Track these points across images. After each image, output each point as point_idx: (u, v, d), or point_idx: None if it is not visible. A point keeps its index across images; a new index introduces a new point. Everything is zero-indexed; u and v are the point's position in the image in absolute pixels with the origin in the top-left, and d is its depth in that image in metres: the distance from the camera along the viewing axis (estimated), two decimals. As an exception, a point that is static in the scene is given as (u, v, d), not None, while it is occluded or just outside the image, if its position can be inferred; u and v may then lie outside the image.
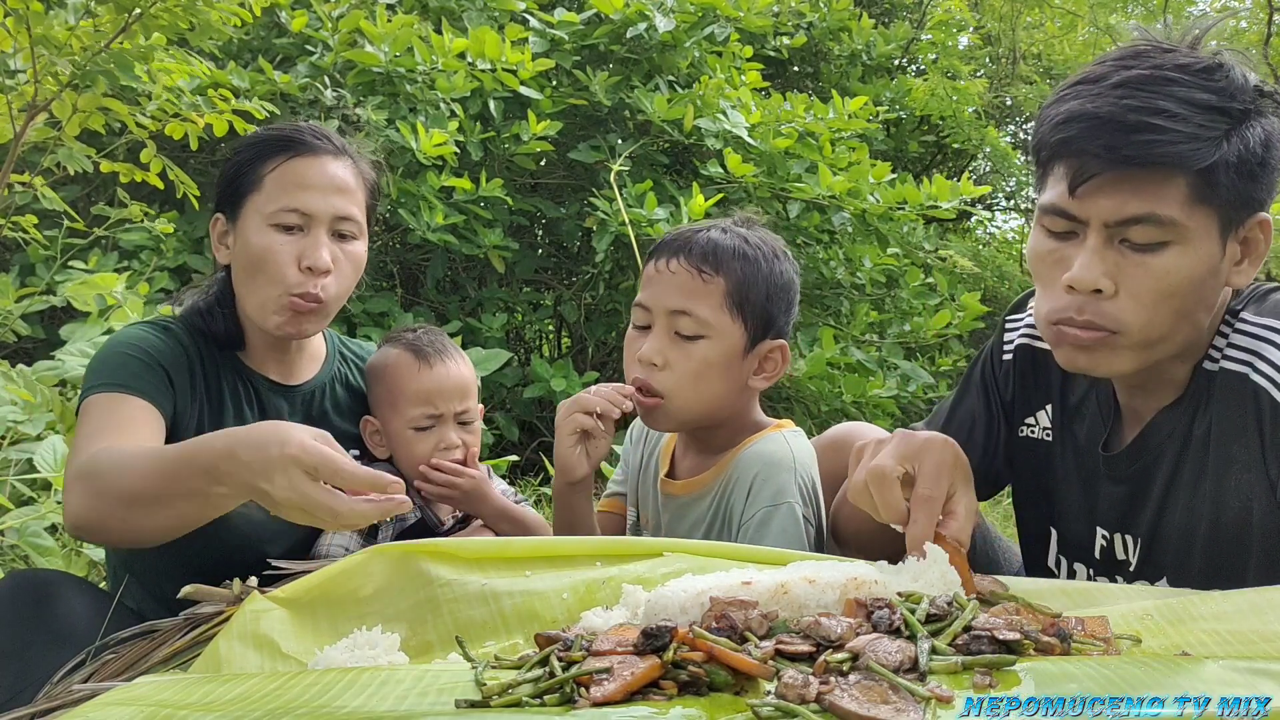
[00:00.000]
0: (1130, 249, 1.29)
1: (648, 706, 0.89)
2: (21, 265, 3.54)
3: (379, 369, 1.88)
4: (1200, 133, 1.25)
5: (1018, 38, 8.79)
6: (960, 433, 1.64)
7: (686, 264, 1.61)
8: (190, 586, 1.37)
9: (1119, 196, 1.28)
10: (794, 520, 1.56)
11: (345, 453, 1.28)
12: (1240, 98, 1.28)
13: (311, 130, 1.77)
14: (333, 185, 1.72)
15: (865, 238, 4.65)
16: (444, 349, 1.87)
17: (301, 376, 1.85)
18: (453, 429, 1.85)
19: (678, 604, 1.09)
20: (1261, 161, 1.29)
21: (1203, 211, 1.28)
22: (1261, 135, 1.29)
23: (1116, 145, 1.25)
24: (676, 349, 1.61)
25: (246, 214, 1.71)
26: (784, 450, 1.62)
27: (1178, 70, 1.28)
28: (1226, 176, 1.26)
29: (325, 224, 1.70)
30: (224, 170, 1.79)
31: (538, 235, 4.86)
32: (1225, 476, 1.36)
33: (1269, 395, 1.31)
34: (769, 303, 1.64)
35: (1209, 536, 1.39)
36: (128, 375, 1.63)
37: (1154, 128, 1.24)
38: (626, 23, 4.31)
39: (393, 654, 1.18)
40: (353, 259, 1.75)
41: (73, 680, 1.24)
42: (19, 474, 2.47)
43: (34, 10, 2.37)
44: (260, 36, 4.19)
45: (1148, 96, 1.26)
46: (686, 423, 1.67)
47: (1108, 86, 1.28)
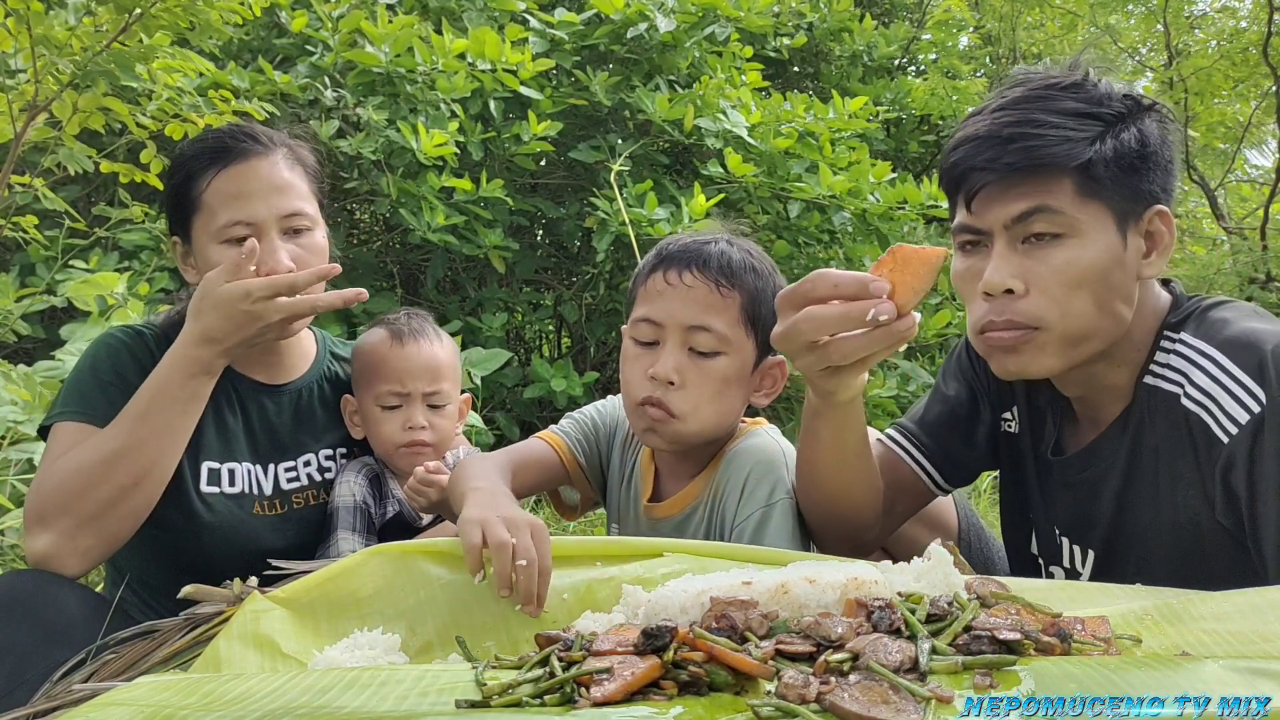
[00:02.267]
0: (1034, 246, 1.38)
1: (648, 706, 0.89)
2: (22, 265, 3.54)
3: (357, 348, 1.89)
4: (1073, 135, 1.37)
5: (1018, 38, 8.78)
6: (942, 420, 1.67)
7: (704, 277, 1.55)
8: (190, 586, 1.37)
9: (1009, 198, 1.38)
10: (790, 517, 1.54)
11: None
12: (1110, 104, 1.40)
13: (233, 133, 1.72)
14: (270, 186, 1.67)
15: (865, 238, 4.65)
16: (419, 331, 1.87)
17: (290, 375, 1.84)
18: (420, 410, 1.83)
19: (678, 604, 1.09)
20: (1141, 155, 1.39)
21: (1093, 205, 1.37)
22: (1136, 134, 1.39)
23: (997, 156, 1.37)
24: (693, 366, 1.55)
25: (197, 236, 1.69)
26: (773, 446, 1.60)
27: (1048, 88, 1.41)
28: (1107, 171, 1.36)
29: (275, 226, 1.67)
30: (164, 194, 1.77)
31: (538, 235, 4.86)
32: (1175, 490, 1.39)
33: (1199, 420, 1.34)
34: (775, 317, 1.62)
35: (1167, 545, 1.41)
36: (93, 404, 1.63)
37: (1029, 135, 1.37)
38: (627, 23, 4.31)
39: (393, 654, 1.18)
40: (314, 251, 1.71)
41: (73, 680, 1.24)
42: (19, 474, 2.47)
43: (34, 10, 2.37)
44: (260, 36, 4.19)
45: (1022, 112, 1.39)
46: (694, 441, 1.60)
47: (989, 112, 1.42)
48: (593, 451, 1.77)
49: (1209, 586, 1.17)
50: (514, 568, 1.26)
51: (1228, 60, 8.51)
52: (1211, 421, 1.32)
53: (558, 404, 3.96)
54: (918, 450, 1.67)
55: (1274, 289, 7.06)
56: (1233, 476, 1.29)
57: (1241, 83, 8.73)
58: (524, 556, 1.27)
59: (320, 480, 1.84)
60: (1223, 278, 7.23)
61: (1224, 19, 9.46)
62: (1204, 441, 1.33)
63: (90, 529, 1.53)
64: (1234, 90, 8.92)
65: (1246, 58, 8.30)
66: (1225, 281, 7.22)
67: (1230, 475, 1.30)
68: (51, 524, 1.51)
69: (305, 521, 1.81)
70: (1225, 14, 9.48)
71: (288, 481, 1.80)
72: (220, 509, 1.72)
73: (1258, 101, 8.89)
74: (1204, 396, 1.34)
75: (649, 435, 1.59)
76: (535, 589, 1.27)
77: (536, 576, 1.27)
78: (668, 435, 1.57)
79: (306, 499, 1.81)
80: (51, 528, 1.51)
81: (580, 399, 3.93)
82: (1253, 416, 1.28)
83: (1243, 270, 7.21)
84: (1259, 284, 7.05)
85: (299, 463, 1.82)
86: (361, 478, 1.85)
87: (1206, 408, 1.33)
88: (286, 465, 1.81)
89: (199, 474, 1.71)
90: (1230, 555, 1.33)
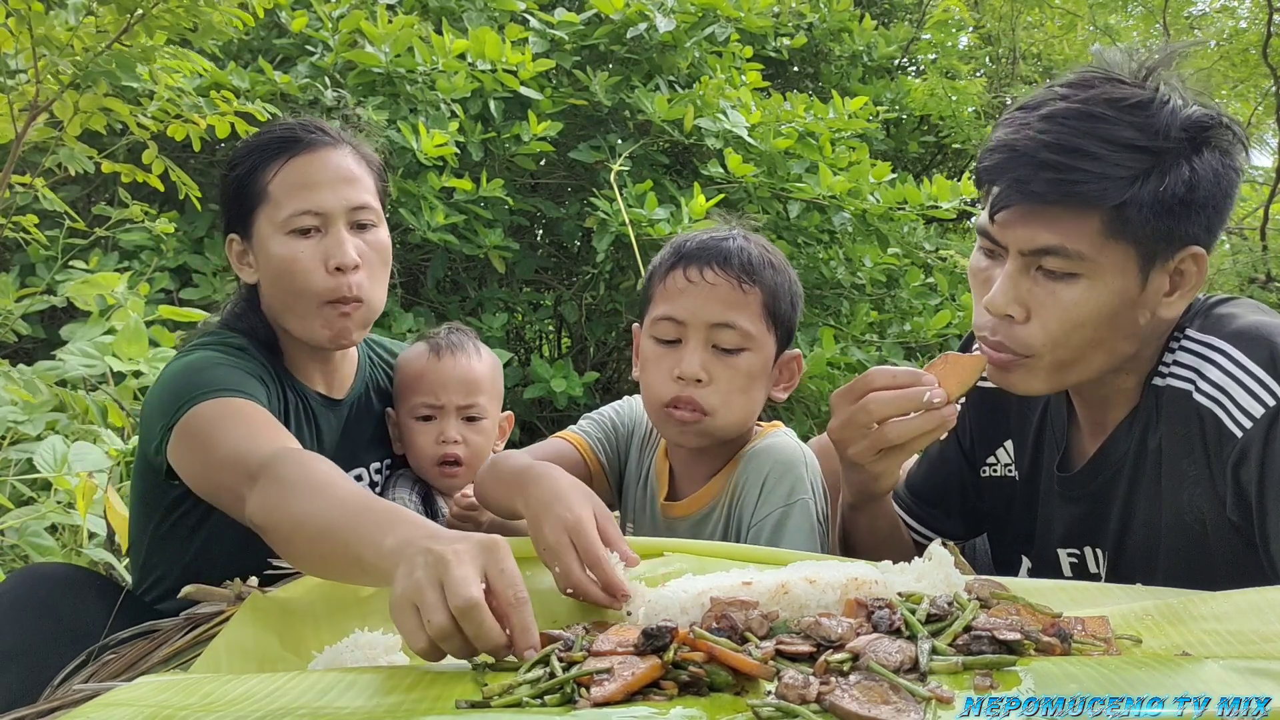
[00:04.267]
0: (1044, 277, 1.34)
1: (648, 707, 0.89)
2: (22, 265, 3.54)
3: (397, 363, 1.89)
4: (1113, 171, 1.28)
5: (1017, 38, 8.78)
6: (936, 477, 1.69)
7: (725, 274, 1.54)
8: (191, 586, 1.37)
9: (1032, 227, 1.32)
10: (809, 517, 1.54)
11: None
12: (1169, 135, 1.29)
13: (303, 125, 1.70)
14: (340, 177, 1.64)
15: (865, 238, 4.65)
16: (457, 345, 1.86)
17: (344, 388, 1.80)
18: (454, 424, 1.82)
19: (678, 604, 1.09)
20: (1184, 200, 1.29)
21: (1117, 246, 1.31)
22: (1186, 175, 1.29)
23: (1026, 180, 1.30)
24: (719, 363, 1.54)
25: (260, 228, 1.64)
26: (793, 446, 1.60)
27: (1107, 105, 1.30)
28: (1139, 214, 1.28)
29: (342, 218, 1.63)
30: (224, 188, 1.71)
31: (538, 235, 4.87)
32: (1179, 491, 1.38)
33: (1212, 414, 1.32)
34: (793, 311, 1.62)
35: (1171, 546, 1.40)
36: (236, 381, 1.53)
37: (1063, 166, 1.28)
38: (627, 23, 4.31)
39: (393, 654, 1.18)
40: (378, 249, 1.68)
41: (74, 680, 1.24)
42: (19, 474, 2.47)
43: (35, 10, 2.37)
44: (260, 37, 4.19)
45: (1067, 133, 1.30)
46: (724, 436, 1.60)
47: (1037, 117, 1.32)
48: (613, 452, 1.76)
49: (1215, 588, 1.16)
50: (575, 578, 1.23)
51: (1227, 60, 8.52)
52: (1224, 415, 1.31)
53: (558, 404, 3.96)
54: (911, 518, 1.71)
55: (1274, 289, 7.06)
56: (1243, 471, 1.28)
57: (1241, 83, 8.73)
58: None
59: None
60: (1223, 278, 7.23)
61: (1223, 19, 9.47)
62: (1215, 436, 1.32)
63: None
64: (1234, 90, 8.92)
65: (1246, 58, 8.30)
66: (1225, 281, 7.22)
67: (1241, 469, 1.29)
68: (256, 493, 1.34)
69: None
70: (1225, 14, 9.48)
71: None
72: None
73: (1258, 101, 8.89)
74: (1217, 391, 1.32)
75: (679, 434, 1.59)
76: (611, 578, 1.21)
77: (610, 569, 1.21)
78: (700, 433, 1.57)
79: None
80: (257, 498, 1.34)
81: (580, 399, 3.93)
82: (1267, 410, 1.27)
83: (1243, 270, 7.21)
84: (1259, 284, 7.05)
85: (351, 476, 1.80)
86: (415, 494, 1.84)
87: (1219, 402, 1.32)
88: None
89: None
90: (1237, 555, 1.32)
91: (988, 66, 8.80)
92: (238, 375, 1.56)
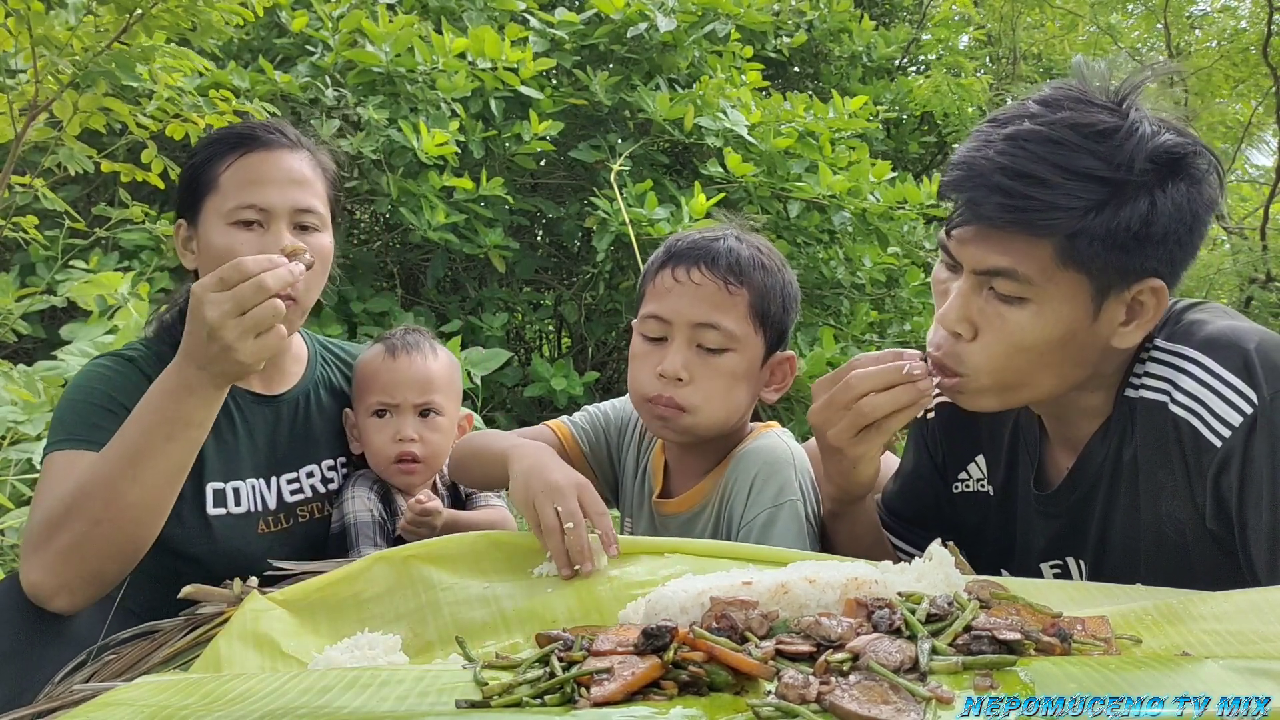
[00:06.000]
0: (995, 298, 1.33)
1: (648, 706, 0.89)
2: (22, 265, 3.54)
3: (356, 364, 1.90)
4: (1064, 201, 1.25)
5: (1018, 38, 8.79)
6: (910, 493, 1.68)
7: (712, 275, 1.56)
8: (190, 586, 1.37)
9: (984, 248, 1.31)
10: (797, 518, 1.54)
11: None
12: (1132, 166, 1.26)
13: (264, 126, 1.73)
14: (290, 178, 1.67)
15: (865, 237, 4.65)
16: (413, 345, 1.87)
17: (285, 384, 1.82)
18: (410, 422, 1.82)
19: (678, 604, 1.09)
20: (1138, 235, 1.27)
21: (1069, 275, 1.29)
22: (1144, 209, 1.26)
23: (978, 201, 1.29)
24: (702, 363, 1.56)
25: (206, 216, 1.67)
26: (782, 447, 1.61)
27: (1072, 130, 1.27)
28: (1090, 246, 1.26)
29: (285, 218, 1.66)
30: (181, 175, 1.76)
31: (538, 235, 4.87)
32: (1157, 501, 1.36)
33: (1189, 425, 1.30)
34: (785, 314, 1.62)
35: (1150, 557, 1.39)
36: (88, 428, 1.57)
37: (1015, 192, 1.26)
38: (627, 22, 4.31)
39: (393, 654, 1.18)
40: (318, 252, 1.68)
41: (74, 680, 1.24)
42: (19, 474, 2.47)
43: (35, 10, 2.37)
44: (260, 36, 4.20)
45: (1025, 158, 1.27)
46: (702, 436, 1.61)
47: (1001, 136, 1.30)
48: (599, 442, 1.78)
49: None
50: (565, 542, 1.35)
51: (1228, 60, 8.52)
52: (1202, 425, 1.29)
53: (558, 404, 3.96)
54: (892, 535, 1.69)
55: (1274, 289, 7.06)
56: (1223, 480, 1.27)
57: (1241, 83, 8.74)
58: (570, 520, 1.35)
59: (324, 493, 1.83)
60: (1223, 278, 7.24)
61: (1224, 19, 9.47)
62: (1193, 447, 1.30)
63: (71, 564, 1.41)
64: (1234, 90, 8.93)
65: (1246, 58, 8.31)
66: (1225, 281, 7.23)
67: (1221, 479, 1.28)
68: (34, 557, 1.43)
69: (308, 536, 1.78)
70: (1225, 14, 9.48)
71: (291, 494, 1.78)
72: (225, 532, 1.69)
73: (1258, 101, 8.89)
74: (1192, 401, 1.31)
75: (660, 428, 1.62)
76: (583, 545, 1.33)
77: (584, 534, 1.35)
78: (679, 428, 1.59)
79: (311, 512, 1.80)
80: (34, 562, 1.42)
81: (580, 398, 3.94)
82: (1245, 418, 1.25)
83: (1243, 270, 7.21)
84: (1259, 284, 7.06)
85: (301, 474, 1.80)
86: (374, 494, 1.84)
87: (1196, 412, 1.30)
88: (289, 477, 1.79)
89: (204, 497, 1.68)
90: (1217, 564, 1.31)
91: (988, 66, 8.80)
92: (96, 414, 1.60)
